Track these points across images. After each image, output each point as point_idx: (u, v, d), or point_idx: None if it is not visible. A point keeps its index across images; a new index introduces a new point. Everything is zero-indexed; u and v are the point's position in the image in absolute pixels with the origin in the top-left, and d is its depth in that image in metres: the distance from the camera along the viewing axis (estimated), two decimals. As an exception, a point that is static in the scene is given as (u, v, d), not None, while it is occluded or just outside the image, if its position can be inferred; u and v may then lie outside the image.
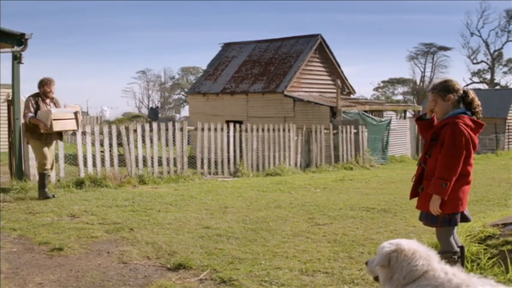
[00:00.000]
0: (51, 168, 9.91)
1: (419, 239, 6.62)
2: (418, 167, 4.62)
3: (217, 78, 24.87)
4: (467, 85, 65.27)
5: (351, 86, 25.13)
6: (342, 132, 18.31)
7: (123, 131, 12.16)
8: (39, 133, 9.35)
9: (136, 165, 12.35)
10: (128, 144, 12.21)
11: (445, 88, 4.40)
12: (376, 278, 3.57)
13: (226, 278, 5.07)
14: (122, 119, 32.31)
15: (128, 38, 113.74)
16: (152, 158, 12.71)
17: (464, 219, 4.48)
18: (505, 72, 67.58)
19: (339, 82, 20.23)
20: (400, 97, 78.56)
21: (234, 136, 15.03)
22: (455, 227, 4.56)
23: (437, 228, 4.44)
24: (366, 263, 3.70)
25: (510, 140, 31.05)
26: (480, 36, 67.29)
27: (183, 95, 76.74)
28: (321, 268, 5.42)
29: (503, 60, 66.87)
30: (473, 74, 68.22)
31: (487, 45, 66.36)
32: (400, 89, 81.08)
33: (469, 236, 5.64)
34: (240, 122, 15.68)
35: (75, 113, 9.70)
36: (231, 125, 15.02)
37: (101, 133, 11.90)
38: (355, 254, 6.01)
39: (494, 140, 27.61)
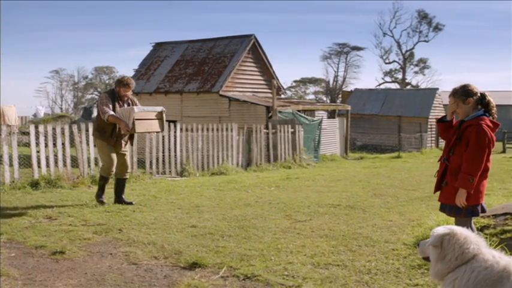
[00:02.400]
0: (126, 172, 9.17)
1: (402, 232, 7.05)
2: (441, 163, 4.95)
3: (149, 77, 24.56)
4: (380, 84, 67.88)
5: (282, 86, 25.63)
6: (280, 131, 18.67)
7: (75, 130, 11.85)
8: (109, 134, 8.66)
9: (88, 166, 12.08)
10: (81, 144, 11.91)
11: (465, 92, 4.77)
12: (426, 259, 3.88)
13: (249, 274, 5.16)
14: (47, 118, 31.11)
15: (40, 37, 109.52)
16: (104, 158, 12.45)
17: (482, 210, 4.84)
18: (416, 72, 70.52)
19: (275, 82, 20.59)
20: (311, 96, 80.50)
21: (181, 136, 15.00)
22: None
23: (459, 218, 4.76)
24: (418, 245, 4.00)
25: (433, 138, 32.75)
26: (392, 37, 69.64)
27: (96, 95, 74.90)
28: (331, 261, 5.63)
29: (414, 60, 69.79)
30: (386, 73, 70.75)
31: (399, 46, 69.06)
32: (312, 88, 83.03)
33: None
34: (174, 122, 15.51)
35: (161, 113, 8.95)
36: (178, 125, 14.98)
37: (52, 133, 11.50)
38: (353, 247, 6.26)
39: (419, 139, 29.11)
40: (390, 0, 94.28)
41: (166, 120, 16.08)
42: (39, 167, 11.02)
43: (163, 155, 14.47)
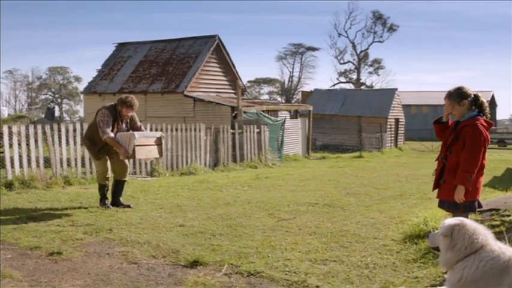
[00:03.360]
0: (126, 173, 8.99)
1: (387, 229, 7.28)
2: (439, 162, 5.20)
3: (113, 78, 24.41)
4: (334, 85, 68.82)
5: (245, 87, 25.81)
6: (247, 131, 18.83)
7: (49, 131, 11.71)
8: (99, 148, 8.54)
9: (61, 166, 11.96)
10: (53, 145, 11.79)
11: (460, 95, 5.04)
12: (436, 249, 4.17)
13: (251, 270, 5.26)
14: (6, 119, 30.36)
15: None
16: (76, 158, 12.38)
17: (479, 205, 5.11)
18: (370, 73, 71.86)
19: (240, 83, 20.72)
20: (266, 97, 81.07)
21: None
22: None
23: (458, 214, 5.00)
24: (427, 236, 4.29)
25: (392, 138, 33.42)
26: (347, 37, 70.72)
27: (50, 95, 73.63)
28: (327, 257, 5.79)
29: (368, 60, 71.06)
30: (340, 74, 71.82)
31: (354, 46, 70.19)
32: (266, 88, 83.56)
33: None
34: None
35: (159, 138, 8.84)
36: (148, 125, 14.94)
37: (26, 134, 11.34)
38: (344, 243, 6.44)
39: (380, 138, 29.70)
40: (345, 1, 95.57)
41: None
42: (12, 167, 10.85)
43: (133, 155, 14.41)
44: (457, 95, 5.05)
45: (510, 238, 5.14)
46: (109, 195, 8.93)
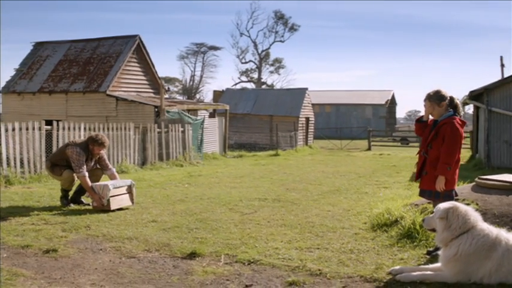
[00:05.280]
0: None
1: (348, 220, 7.92)
2: (420, 156, 5.89)
3: (32, 77, 23.86)
4: (236, 84, 69.68)
5: (168, 87, 25.90)
6: (172, 130, 19.03)
7: (-12, 130, 11.44)
8: (61, 168, 8.80)
9: (1, 165, 11.71)
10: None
11: (440, 97, 5.76)
12: (432, 230, 4.95)
13: (250, 259, 5.62)
14: None
15: None
16: (15, 158, 12.14)
17: (455, 194, 5.86)
18: (271, 72, 73.28)
19: (163, 82, 20.84)
20: (166, 96, 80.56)
21: (85, 136, 14.83)
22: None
23: (438, 202, 5.67)
24: (423, 220, 5.09)
25: (303, 137, 34.31)
26: (249, 37, 71.73)
27: None
28: (310, 245, 6.26)
29: (270, 60, 72.44)
30: (242, 73, 72.66)
31: (256, 45, 71.30)
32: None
33: (418, 211, 6.99)
34: (58, 121, 15.07)
35: (130, 186, 8.91)
36: (82, 125, 14.82)
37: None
38: (318, 233, 6.93)
39: (294, 137, 30.61)
40: (248, 1, 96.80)
41: (52, 120, 15.88)
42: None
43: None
44: (437, 97, 5.77)
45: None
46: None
